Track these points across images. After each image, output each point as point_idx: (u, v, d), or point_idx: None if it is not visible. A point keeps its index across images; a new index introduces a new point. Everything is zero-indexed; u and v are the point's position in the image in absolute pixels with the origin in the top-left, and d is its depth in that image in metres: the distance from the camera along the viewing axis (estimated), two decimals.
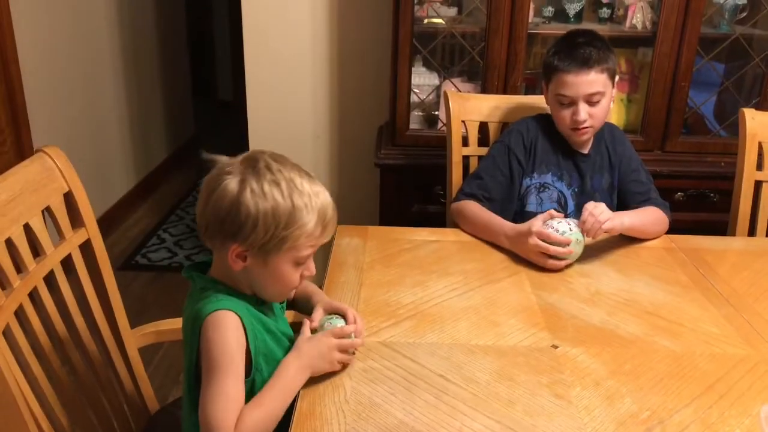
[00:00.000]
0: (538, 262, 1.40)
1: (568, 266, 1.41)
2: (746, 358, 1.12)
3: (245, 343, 0.98)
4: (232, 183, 0.96)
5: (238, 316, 0.98)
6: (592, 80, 1.50)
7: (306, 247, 1.00)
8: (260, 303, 1.06)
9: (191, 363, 1.01)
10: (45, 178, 1.13)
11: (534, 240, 1.38)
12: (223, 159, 1.01)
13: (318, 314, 1.11)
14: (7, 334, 1.00)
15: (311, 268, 1.05)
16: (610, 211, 1.41)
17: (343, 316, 1.10)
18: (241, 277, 1.03)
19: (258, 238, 0.96)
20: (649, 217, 1.56)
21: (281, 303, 1.15)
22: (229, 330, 0.96)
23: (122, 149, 3.60)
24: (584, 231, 1.39)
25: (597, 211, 1.39)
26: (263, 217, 0.95)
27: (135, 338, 1.33)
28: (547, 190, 1.63)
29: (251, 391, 1.01)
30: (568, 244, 1.37)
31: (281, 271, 1.01)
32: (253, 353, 0.99)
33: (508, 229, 1.48)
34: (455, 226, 1.62)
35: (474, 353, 1.11)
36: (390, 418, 0.95)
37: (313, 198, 0.98)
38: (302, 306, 1.20)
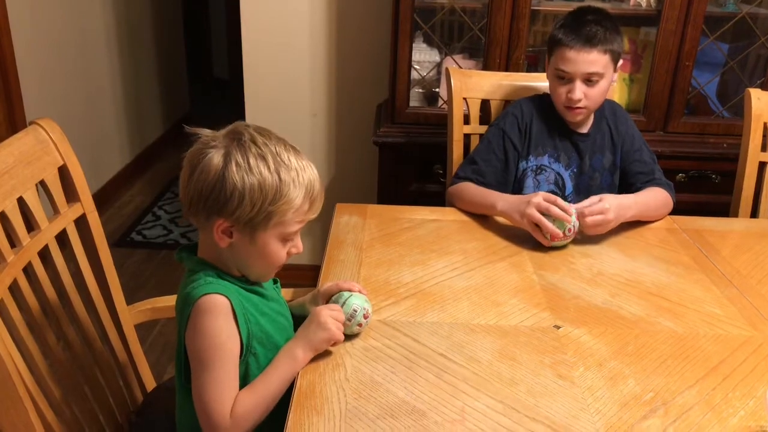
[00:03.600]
0: (531, 231, 1.39)
1: (564, 246, 1.39)
2: (750, 339, 1.11)
3: (236, 329, 0.96)
4: (216, 157, 0.93)
5: (228, 300, 0.95)
6: (593, 60, 1.47)
7: (294, 223, 0.97)
8: (251, 284, 1.03)
9: (182, 341, 0.99)
10: (39, 150, 1.10)
11: (531, 210, 1.36)
12: (206, 132, 0.97)
13: (324, 300, 1.09)
14: (2, 309, 0.98)
15: (299, 245, 1.01)
16: (612, 211, 1.38)
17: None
18: (227, 256, 0.99)
19: (245, 212, 0.93)
20: (653, 202, 1.53)
21: (275, 284, 1.13)
22: (218, 317, 0.94)
23: (117, 125, 3.56)
24: (582, 223, 1.37)
25: (597, 209, 1.37)
26: (250, 191, 0.92)
27: (131, 315, 1.31)
28: (544, 172, 1.61)
29: (245, 373, 0.99)
30: (569, 223, 1.35)
31: (269, 248, 0.98)
32: (245, 337, 0.97)
33: (507, 196, 1.48)
34: (453, 206, 1.60)
35: (475, 333, 1.10)
36: (391, 397, 0.94)
37: (300, 173, 0.95)
38: (296, 313, 1.15)
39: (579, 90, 1.50)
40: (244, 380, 0.99)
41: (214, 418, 0.93)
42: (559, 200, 1.37)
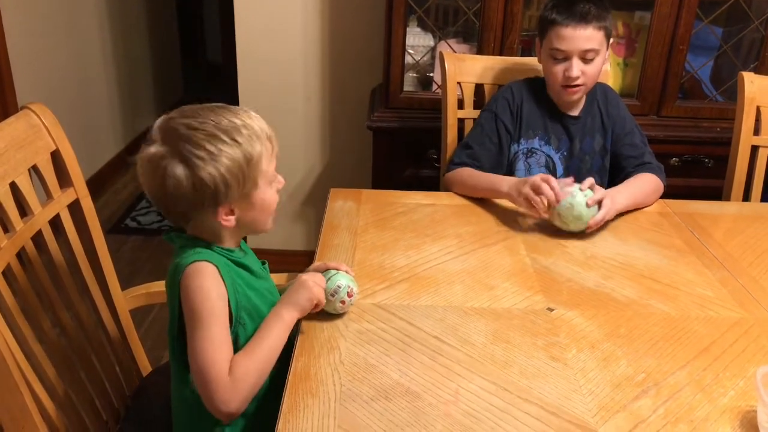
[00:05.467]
0: (526, 203, 1.38)
1: (560, 232, 1.39)
2: (740, 321, 1.12)
3: (225, 294, 0.96)
4: (176, 166, 0.93)
5: (216, 267, 0.96)
6: (589, 36, 1.48)
7: (269, 165, 1.01)
8: (240, 259, 1.04)
9: (174, 316, 1.00)
10: (31, 135, 1.10)
11: (534, 182, 1.36)
12: (141, 155, 0.96)
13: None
14: None
15: (280, 179, 1.05)
16: (612, 212, 1.39)
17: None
18: (223, 232, 1.01)
19: (235, 190, 0.96)
20: (643, 191, 1.53)
21: (263, 264, 1.13)
22: (208, 279, 0.95)
23: (110, 111, 3.54)
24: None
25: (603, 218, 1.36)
26: (227, 171, 0.94)
27: (126, 300, 1.31)
28: (534, 155, 1.62)
29: (235, 345, 0.99)
30: (559, 201, 1.33)
31: (265, 200, 1.01)
32: (234, 306, 0.98)
33: (509, 178, 1.48)
34: (448, 191, 1.60)
35: (469, 315, 1.11)
36: (385, 379, 0.94)
37: (248, 126, 0.97)
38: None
39: (576, 67, 1.50)
40: (234, 351, 0.98)
41: (212, 378, 0.90)
42: (552, 180, 1.36)
